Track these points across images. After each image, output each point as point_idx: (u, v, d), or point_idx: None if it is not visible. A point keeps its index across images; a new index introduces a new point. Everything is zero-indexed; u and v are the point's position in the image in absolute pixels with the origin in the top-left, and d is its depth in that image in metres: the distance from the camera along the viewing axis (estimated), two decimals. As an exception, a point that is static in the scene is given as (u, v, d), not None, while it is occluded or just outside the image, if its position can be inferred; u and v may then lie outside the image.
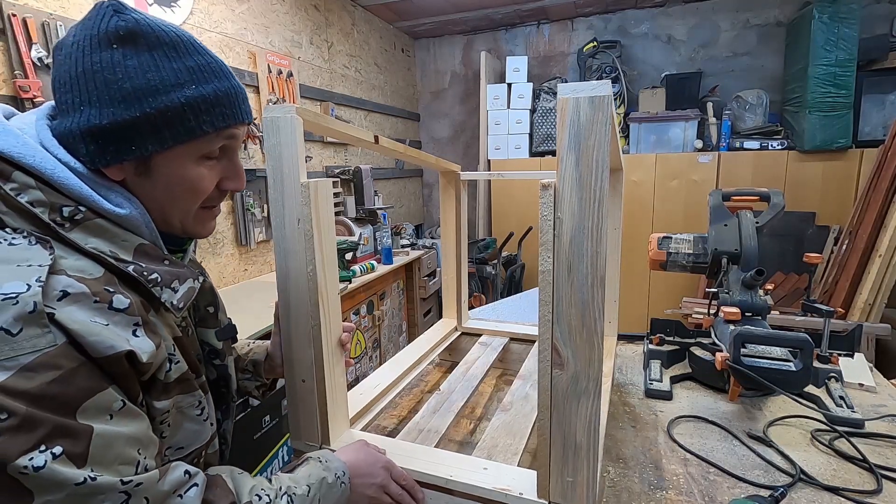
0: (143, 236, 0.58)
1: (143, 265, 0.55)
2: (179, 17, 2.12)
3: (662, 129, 3.50)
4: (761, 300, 1.14)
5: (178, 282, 0.59)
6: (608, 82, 0.57)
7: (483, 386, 1.26)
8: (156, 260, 0.57)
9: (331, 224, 0.80)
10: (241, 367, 0.89)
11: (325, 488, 0.67)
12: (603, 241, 0.59)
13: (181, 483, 0.52)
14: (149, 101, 0.54)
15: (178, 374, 0.58)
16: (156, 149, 0.55)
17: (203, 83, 0.58)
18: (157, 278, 0.56)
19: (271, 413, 1.90)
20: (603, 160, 0.57)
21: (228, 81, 0.61)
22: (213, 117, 0.58)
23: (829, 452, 0.93)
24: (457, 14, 3.89)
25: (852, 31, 2.89)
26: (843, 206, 3.02)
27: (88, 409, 0.45)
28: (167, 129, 0.55)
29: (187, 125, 0.56)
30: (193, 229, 0.64)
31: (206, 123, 0.58)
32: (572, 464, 0.66)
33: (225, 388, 0.76)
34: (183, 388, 0.60)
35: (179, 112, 0.55)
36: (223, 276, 2.44)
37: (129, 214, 0.56)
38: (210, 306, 0.74)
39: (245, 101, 0.63)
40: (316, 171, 3.16)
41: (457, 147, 4.63)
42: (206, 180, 0.61)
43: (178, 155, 0.58)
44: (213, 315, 0.74)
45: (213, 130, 0.58)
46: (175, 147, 0.57)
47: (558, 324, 0.63)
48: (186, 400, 0.61)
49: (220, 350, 0.74)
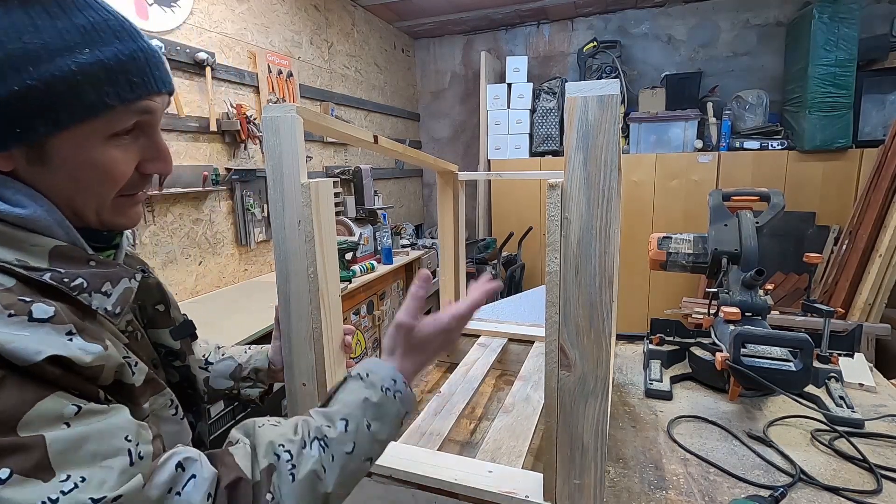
0: (58, 237, 0.49)
1: (63, 270, 0.47)
2: (179, 17, 2.12)
3: (662, 129, 3.50)
4: (761, 300, 1.14)
5: (110, 284, 0.50)
6: (616, 82, 0.56)
7: (483, 386, 1.26)
8: (78, 262, 0.49)
9: (332, 225, 0.79)
10: (244, 375, 0.84)
11: (372, 410, 0.56)
12: (611, 241, 0.59)
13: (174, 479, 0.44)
14: (29, 71, 0.44)
15: (145, 376, 0.53)
16: (48, 131, 0.46)
17: (100, 45, 0.47)
18: (82, 284, 0.47)
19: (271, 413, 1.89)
20: (611, 159, 0.57)
21: (135, 42, 0.50)
22: (118, 88, 0.48)
23: (829, 452, 0.93)
24: (457, 14, 3.89)
25: (852, 31, 2.89)
26: (843, 206, 3.02)
27: (32, 421, 0.38)
28: (60, 105, 0.45)
29: (85, 100, 0.46)
30: (113, 220, 0.55)
31: (109, 96, 0.47)
32: (579, 466, 0.65)
33: (191, 390, 0.70)
34: (154, 388, 0.55)
35: (72, 83, 0.45)
36: (223, 276, 2.44)
37: (32, 214, 0.47)
38: (159, 304, 0.67)
39: (160, 67, 0.53)
40: (316, 171, 3.16)
41: (457, 147, 4.63)
42: (120, 164, 0.51)
43: (79, 136, 0.48)
44: (163, 314, 0.67)
45: (119, 104, 0.48)
46: (73, 127, 0.47)
47: (566, 325, 0.62)
48: (159, 401, 0.55)
49: (179, 350, 0.68)
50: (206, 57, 2.19)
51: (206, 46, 2.27)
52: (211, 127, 2.25)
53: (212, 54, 2.24)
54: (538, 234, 3.81)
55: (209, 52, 2.23)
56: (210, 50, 2.26)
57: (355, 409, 0.55)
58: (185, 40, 2.17)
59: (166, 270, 2.12)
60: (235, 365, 0.84)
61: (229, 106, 2.39)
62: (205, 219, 2.31)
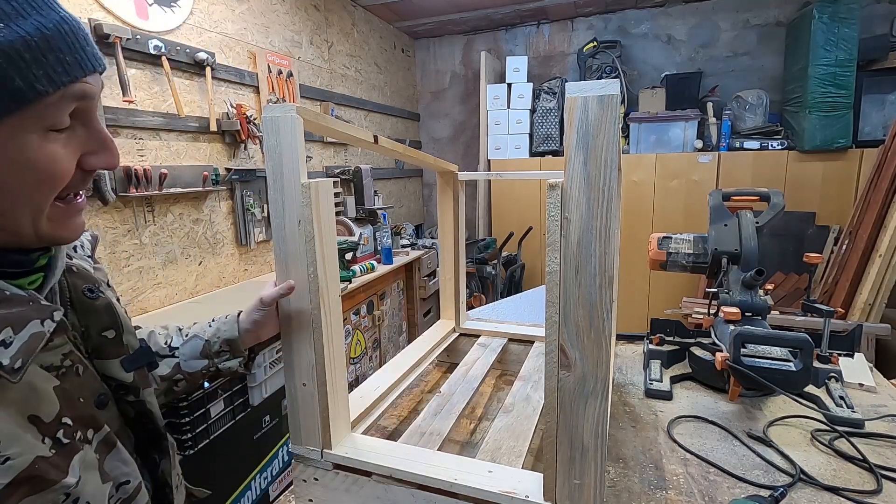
0: None
1: None
2: (179, 17, 2.12)
3: (662, 129, 3.50)
4: (761, 300, 1.14)
5: (12, 329, 0.42)
6: (616, 81, 0.56)
7: (483, 386, 1.26)
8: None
9: (332, 225, 0.79)
10: (215, 350, 0.77)
11: None
12: (612, 241, 0.59)
13: None
14: None
15: (15, 476, 0.41)
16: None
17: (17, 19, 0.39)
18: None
19: (271, 413, 1.90)
20: (612, 159, 0.57)
21: (56, 13, 0.42)
22: (47, 69, 0.40)
23: (829, 452, 0.93)
24: (457, 14, 3.89)
25: (852, 31, 2.89)
26: (843, 206, 3.02)
27: None
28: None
29: (12, 87, 0.38)
30: (53, 233, 0.46)
31: (39, 80, 0.40)
32: (579, 466, 0.65)
33: (151, 426, 0.61)
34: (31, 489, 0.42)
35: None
36: (223, 277, 2.44)
37: None
38: (108, 331, 0.57)
39: (89, 41, 0.45)
40: (316, 171, 3.16)
41: (457, 147, 4.63)
42: (60, 160, 0.43)
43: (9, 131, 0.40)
44: (113, 341, 0.57)
45: (53, 89, 0.41)
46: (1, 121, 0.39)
47: (566, 325, 0.62)
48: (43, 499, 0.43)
49: (131, 384, 0.58)
50: (206, 57, 2.19)
51: (206, 46, 2.27)
52: (211, 127, 2.25)
53: (212, 54, 2.24)
54: (538, 234, 3.81)
55: (209, 52, 2.23)
56: (210, 50, 2.26)
57: None
58: (185, 40, 2.17)
59: (166, 270, 2.12)
60: (203, 342, 0.77)
61: (229, 106, 2.39)
62: (205, 219, 2.31)
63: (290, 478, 1.03)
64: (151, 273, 2.04)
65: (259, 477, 1.84)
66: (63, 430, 0.46)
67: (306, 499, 0.83)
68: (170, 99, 2.07)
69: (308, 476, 0.83)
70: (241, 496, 1.75)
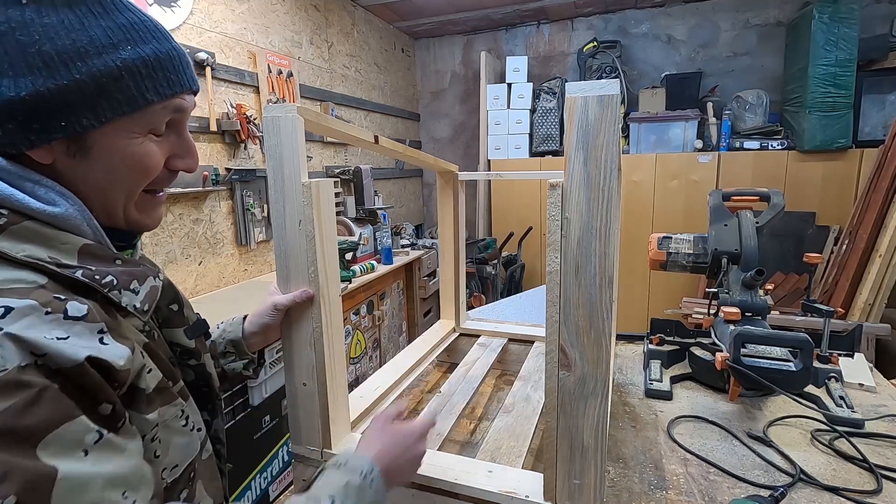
0: (86, 235, 0.50)
1: (94, 268, 0.48)
2: (179, 17, 2.12)
3: (662, 129, 3.50)
4: (761, 300, 1.15)
5: (138, 282, 0.52)
6: (616, 81, 0.56)
7: (483, 386, 1.26)
8: (106, 261, 0.50)
9: (332, 225, 0.80)
10: (221, 351, 0.82)
11: (354, 492, 0.58)
12: (611, 241, 0.59)
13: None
14: (77, 65, 0.46)
15: (156, 383, 0.52)
16: (92, 123, 0.48)
17: (140, 43, 0.50)
18: (112, 281, 0.49)
19: (271, 413, 1.90)
20: (611, 159, 0.57)
21: (169, 43, 0.53)
22: (156, 83, 0.51)
23: (829, 452, 0.94)
24: (457, 14, 3.89)
25: (852, 31, 2.89)
26: (843, 206, 3.02)
27: (52, 442, 0.37)
28: (104, 98, 0.47)
29: (128, 94, 0.49)
30: (139, 219, 0.57)
31: (149, 91, 0.50)
32: (579, 466, 0.66)
33: (206, 388, 0.70)
34: (164, 399, 0.53)
35: (117, 77, 0.48)
36: (223, 276, 2.44)
37: (64, 213, 0.48)
38: (173, 304, 0.67)
39: (190, 67, 0.56)
40: (316, 171, 3.16)
41: (457, 147, 4.63)
42: (154, 157, 0.54)
43: (119, 129, 0.50)
44: (178, 313, 0.67)
45: (158, 99, 0.51)
46: (116, 120, 0.49)
47: (566, 325, 0.62)
48: (169, 411, 0.54)
49: (194, 349, 0.67)
50: (207, 57, 2.19)
51: (207, 46, 2.27)
52: (211, 127, 2.25)
53: (212, 54, 2.24)
54: (538, 234, 3.81)
55: (209, 52, 2.23)
56: (210, 50, 2.26)
57: (337, 490, 0.58)
58: (185, 40, 2.17)
59: (166, 270, 2.11)
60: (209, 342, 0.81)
61: (229, 106, 2.39)
62: (205, 219, 2.31)
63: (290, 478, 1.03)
64: (151, 273, 2.04)
65: (259, 477, 1.84)
66: None
67: (306, 499, 0.83)
68: (170, 99, 2.07)
69: (308, 476, 0.83)
70: (241, 496, 1.75)
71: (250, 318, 0.83)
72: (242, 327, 0.82)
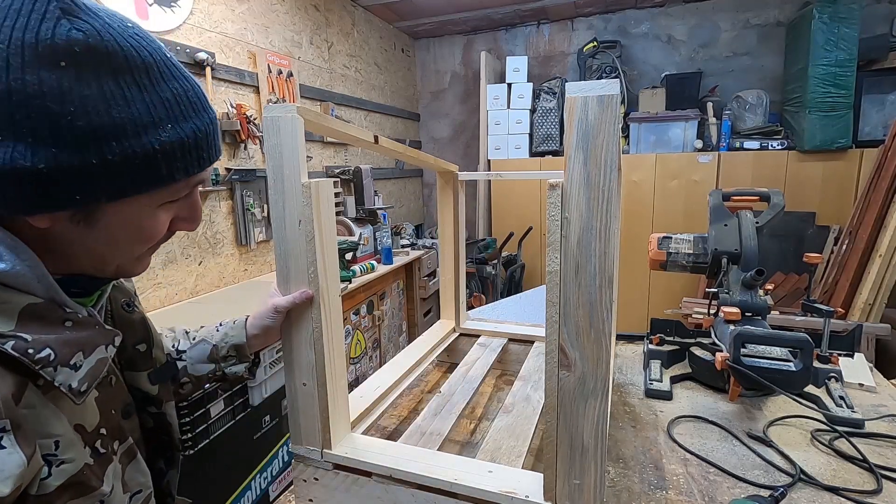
0: (35, 292, 0.44)
1: (30, 338, 0.42)
2: (180, 17, 2.12)
3: (662, 129, 3.50)
4: (761, 300, 1.14)
5: (83, 354, 0.45)
6: (616, 81, 0.56)
7: (483, 386, 1.26)
8: (51, 324, 0.44)
9: (332, 225, 0.79)
10: (222, 355, 0.80)
11: None
12: (611, 241, 0.59)
13: None
14: (111, 145, 0.41)
15: (64, 479, 0.45)
16: (108, 199, 0.44)
17: (182, 121, 0.46)
18: (48, 356, 0.42)
19: (271, 413, 1.90)
20: (611, 159, 0.57)
21: (207, 114, 0.50)
22: (188, 163, 0.47)
23: (829, 452, 0.94)
24: (457, 14, 3.89)
25: (852, 31, 2.89)
26: (843, 206, 3.02)
27: None
28: (129, 177, 0.43)
29: (157, 174, 0.45)
30: (131, 271, 0.54)
31: (179, 171, 0.46)
32: (579, 466, 0.65)
33: (166, 437, 0.65)
34: (75, 493, 0.46)
35: (151, 159, 0.43)
36: (223, 277, 2.44)
37: (10, 270, 0.42)
38: (141, 344, 0.61)
39: (218, 137, 0.53)
40: (316, 171, 3.16)
41: (457, 147, 4.63)
42: (162, 225, 0.51)
43: (136, 204, 0.46)
44: (144, 354, 0.62)
45: (185, 178, 0.48)
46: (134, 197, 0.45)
47: (566, 325, 0.62)
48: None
49: (155, 396, 0.62)
50: (206, 57, 2.19)
51: (206, 46, 2.27)
52: (211, 127, 2.25)
53: (212, 54, 2.24)
54: (538, 234, 3.81)
55: (209, 52, 2.23)
56: (210, 50, 2.26)
57: None
58: (185, 40, 2.17)
59: (166, 270, 2.12)
60: (210, 347, 0.80)
61: (229, 106, 2.39)
62: (205, 219, 2.31)
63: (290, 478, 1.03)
64: (151, 273, 2.04)
65: (259, 477, 1.84)
66: (100, 440, 0.49)
67: (306, 499, 0.83)
68: (170, 99, 2.07)
69: (308, 476, 0.83)
70: (241, 496, 1.75)
71: (251, 321, 0.82)
72: (245, 331, 0.81)
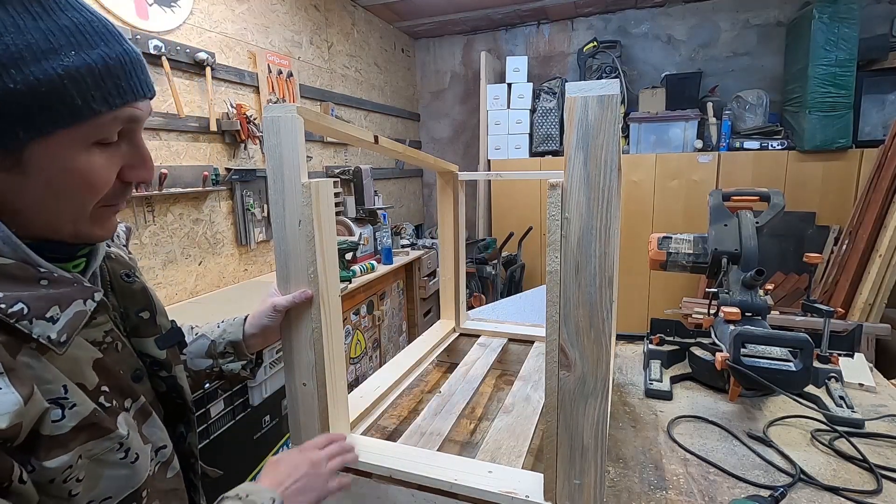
0: (2, 254, 0.45)
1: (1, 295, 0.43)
2: (180, 17, 2.12)
3: (662, 129, 3.50)
4: (761, 300, 1.15)
5: (59, 307, 0.46)
6: (616, 81, 0.56)
7: (483, 386, 1.26)
8: (24, 282, 0.45)
9: (332, 225, 0.80)
10: (219, 351, 0.80)
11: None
12: (611, 241, 0.59)
13: None
14: (10, 73, 0.40)
15: (78, 421, 0.47)
16: (28, 136, 0.43)
17: (86, 48, 0.44)
18: (21, 310, 0.43)
19: (271, 413, 1.90)
20: (611, 159, 0.57)
21: (120, 45, 0.48)
22: (104, 92, 0.45)
23: (829, 452, 0.94)
24: (457, 14, 3.89)
25: (852, 31, 2.89)
26: (843, 206, 3.02)
27: None
28: (43, 110, 0.43)
29: (71, 104, 0.44)
30: (90, 232, 0.52)
31: (96, 101, 0.45)
32: (579, 466, 0.65)
33: (180, 400, 0.67)
34: (91, 434, 0.48)
35: (58, 87, 0.42)
36: (223, 277, 2.44)
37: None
38: (143, 311, 0.63)
39: (144, 70, 0.50)
40: (316, 171, 3.16)
41: (457, 147, 4.63)
42: (102, 171, 0.48)
43: (61, 142, 0.45)
44: (148, 321, 0.64)
45: (106, 110, 0.46)
46: (56, 133, 0.44)
47: (566, 325, 0.62)
48: (100, 446, 0.49)
49: (165, 360, 0.64)
50: (206, 57, 2.19)
51: (206, 46, 2.27)
52: (211, 127, 2.25)
53: (212, 54, 2.24)
54: (538, 234, 3.80)
55: (209, 52, 2.23)
56: (210, 50, 2.26)
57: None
58: (185, 40, 2.17)
59: (166, 270, 2.12)
60: (209, 342, 0.80)
61: (229, 106, 2.39)
62: (205, 219, 2.31)
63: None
64: (151, 273, 2.04)
65: (259, 477, 1.84)
66: (103, 396, 0.52)
67: (306, 499, 0.83)
68: (170, 99, 2.06)
69: (308, 476, 0.83)
70: None
71: (250, 320, 0.82)
72: (243, 329, 0.82)
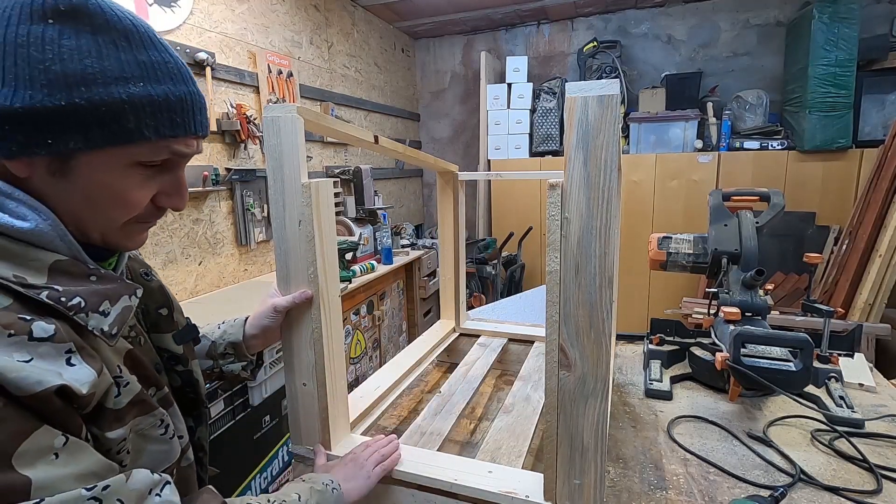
0: (59, 251, 0.49)
1: (61, 289, 0.46)
2: (180, 17, 2.12)
3: (662, 129, 3.49)
4: (761, 300, 1.15)
5: (109, 302, 0.50)
6: (616, 81, 0.56)
7: (483, 386, 1.26)
8: (79, 278, 0.49)
9: (332, 225, 0.80)
10: (220, 352, 0.82)
11: (317, 494, 0.67)
12: (611, 241, 0.59)
13: (153, 482, 0.48)
14: (80, 90, 0.45)
15: (131, 397, 0.52)
16: (79, 147, 0.46)
17: (154, 82, 0.49)
18: (79, 303, 0.47)
19: (271, 413, 1.90)
20: (611, 159, 0.57)
21: (186, 87, 0.53)
22: (158, 123, 0.50)
23: (829, 452, 0.94)
24: (457, 14, 3.89)
25: (852, 31, 2.89)
26: (843, 206, 3.02)
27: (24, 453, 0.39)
28: (98, 126, 0.46)
29: (124, 126, 0.48)
30: (118, 242, 0.56)
31: (148, 129, 0.49)
32: (579, 466, 0.66)
33: (193, 395, 0.70)
34: (140, 410, 0.53)
35: (118, 110, 0.47)
36: (223, 277, 2.44)
37: (34, 228, 0.47)
38: (162, 308, 0.67)
39: (202, 112, 0.55)
40: (316, 171, 3.16)
41: (457, 147, 4.63)
42: (137, 191, 0.52)
43: (106, 158, 0.49)
44: (167, 318, 0.68)
45: (155, 138, 0.50)
46: (105, 149, 0.48)
47: (566, 325, 0.62)
48: (146, 421, 0.54)
49: (181, 355, 0.68)
50: (206, 57, 2.19)
51: (206, 46, 2.27)
52: (211, 127, 2.25)
53: (212, 54, 2.24)
54: (538, 234, 3.80)
55: (209, 52, 2.23)
56: (210, 50, 2.26)
57: (303, 490, 0.66)
58: (185, 40, 2.17)
59: (166, 270, 2.11)
60: (209, 343, 0.82)
61: (229, 106, 2.39)
62: (205, 219, 2.31)
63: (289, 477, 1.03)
64: (151, 273, 2.04)
65: (259, 477, 1.84)
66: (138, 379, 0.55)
67: (306, 499, 0.83)
68: (170, 99, 2.06)
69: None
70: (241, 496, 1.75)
71: (250, 321, 0.83)
72: (244, 330, 0.83)
